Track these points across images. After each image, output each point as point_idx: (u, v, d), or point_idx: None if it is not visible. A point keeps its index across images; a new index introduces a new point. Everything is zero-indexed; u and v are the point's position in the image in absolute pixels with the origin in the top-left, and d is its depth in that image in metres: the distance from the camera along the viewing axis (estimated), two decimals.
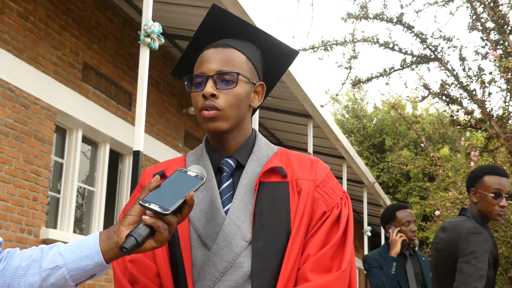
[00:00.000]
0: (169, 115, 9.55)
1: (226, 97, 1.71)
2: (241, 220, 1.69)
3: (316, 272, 1.65)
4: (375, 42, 6.10)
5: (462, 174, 9.51)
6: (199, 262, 1.68)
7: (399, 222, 4.63)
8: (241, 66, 1.76)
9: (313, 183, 1.76)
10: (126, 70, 8.40)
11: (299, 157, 1.84)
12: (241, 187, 1.73)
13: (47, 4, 6.87)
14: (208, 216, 1.71)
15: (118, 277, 1.71)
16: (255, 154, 1.80)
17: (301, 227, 1.70)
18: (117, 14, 8.28)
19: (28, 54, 6.52)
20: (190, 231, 1.71)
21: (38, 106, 6.61)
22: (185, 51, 1.89)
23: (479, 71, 5.67)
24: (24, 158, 6.36)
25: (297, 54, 1.90)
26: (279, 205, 1.72)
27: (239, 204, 1.71)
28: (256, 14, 6.89)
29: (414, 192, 24.86)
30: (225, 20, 1.83)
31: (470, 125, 5.75)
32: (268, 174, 1.75)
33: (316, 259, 1.66)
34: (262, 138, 1.87)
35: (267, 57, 1.88)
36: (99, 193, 7.97)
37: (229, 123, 1.73)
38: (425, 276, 4.61)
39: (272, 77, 1.93)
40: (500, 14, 5.50)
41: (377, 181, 15.66)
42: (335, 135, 11.18)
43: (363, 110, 30.11)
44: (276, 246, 1.68)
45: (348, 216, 1.76)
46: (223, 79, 1.72)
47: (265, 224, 1.69)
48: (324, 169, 1.82)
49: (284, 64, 1.92)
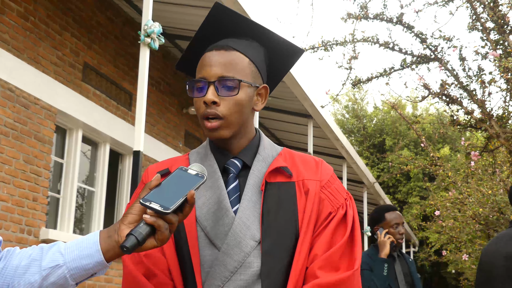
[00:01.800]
0: (170, 115, 9.55)
1: (228, 104, 1.70)
2: (250, 220, 1.69)
3: (326, 270, 1.65)
4: (375, 42, 6.10)
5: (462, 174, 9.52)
6: (207, 262, 1.68)
7: (387, 223, 4.61)
8: (243, 70, 1.74)
9: (319, 184, 1.77)
10: (127, 70, 8.41)
11: (303, 158, 1.84)
12: (249, 188, 1.73)
13: (47, 4, 6.87)
14: (216, 216, 1.70)
15: (131, 271, 1.68)
16: (260, 154, 1.80)
17: (309, 227, 1.71)
18: (117, 14, 8.29)
19: (28, 54, 6.52)
20: (197, 230, 1.71)
21: (38, 106, 6.61)
22: (187, 48, 1.87)
23: (479, 71, 5.67)
24: (24, 158, 6.36)
25: (302, 52, 1.88)
26: (286, 205, 1.72)
27: (247, 204, 1.71)
28: (256, 14, 6.88)
29: (414, 192, 24.84)
30: (228, 19, 1.81)
31: (470, 125, 5.75)
32: (274, 174, 1.75)
33: (325, 258, 1.67)
34: (265, 138, 1.87)
35: (271, 55, 1.86)
36: (99, 193, 7.97)
37: (232, 130, 1.72)
38: (413, 277, 4.61)
39: (276, 75, 1.92)
40: (500, 14, 5.50)
41: (377, 181, 15.67)
42: (335, 135, 11.18)
43: (363, 110, 30.09)
44: (284, 246, 1.68)
45: (354, 217, 1.77)
46: (225, 85, 1.70)
47: (273, 224, 1.69)
48: (328, 170, 1.83)
49: (289, 62, 1.90)
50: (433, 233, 15.28)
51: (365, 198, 15.31)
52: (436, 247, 15.21)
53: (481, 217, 8.11)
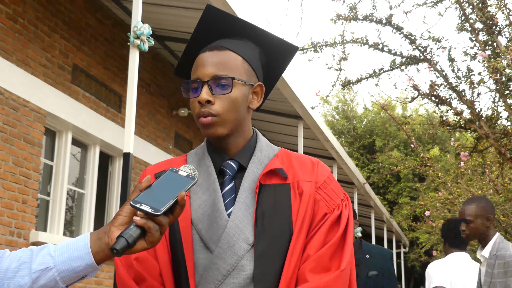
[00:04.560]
0: (159, 117, 9.53)
1: (222, 103, 1.70)
2: (243, 223, 1.68)
3: (315, 272, 1.65)
4: (364, 43, 6.11)
5: (452, 174, 9.55)
6: (201, 265, 1.67)
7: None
8: (237, 68, 1.74)
9: (314, 185, 1.76)
10: (116, 72, 8.38)
11: (300, 159, 1.83)
12: (243, 190, 1.72)
13: (37, 6, 6.84)
14: (210, 219, 1.70)
15: (121, 276, 1.69)
16: (256, 156, 1.79)
17: (303, 229, 1.70)
18: (107, 16, 8.26)
19: (17, 56, 6.49)
20: (192, 233, 1.70)
21: (27, 109, 6.58)
22: (183, 53, 1.88)
23: (468, 71, 5.69)
24: (14, 161, 6.33)
25: (297, 49, 1.89)
26: (280, 207, 1.71)
27: (241, 207, 1.70)
28: (246, 15, 6.88)
29: (404, 193, 24.92)
30: (221, 20, 1.81)
31: (459, 125, 5.78)
32: (269, 176, 1.74)
33: (315, 258, 1.66)
34: (263, 139, 1.86)
35: (266, 54, 1.86)
36: (89, 195, 7.94)
37: (227, 128, 1.72)
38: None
39: (273, 74, 1.91)
40: (488, 15, 5.53)
41: (368, 182, 15.68)
42: (325, 136, 11.19)
43: (353, 111, 30.16)
44: (278, 249, 1.67)
45: (348, 217, 1.76)
46: (219, 83, 1.71)
47: (267, 227, 1.68)
48: (325, 170, 1.82)
49: (284, 60, 1.90)
50: (423, 234, 15.33)
51: (355, 199, 15.33)
52: (427, 247, 15.27)
53: None
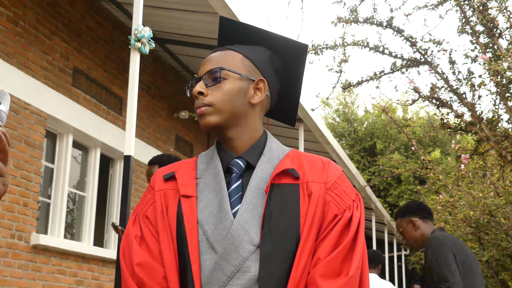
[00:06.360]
0: (160, 120, 9.54)
1: (214, 93, 1.73)
2: (249, 223, 1.66)
3: (326, 278, 1.61)
4: (365, 46, 6.10)
5: (452, 177, 9.54)
6: (207, 266, 1.65)
7: None
8: (233, 63, 1.77)
9: (324, 186, 1.72)
10: (117, 75, 8.39)
11: (310, 159, 1.80)
12: (251, 189, 1.70)
13: (37, 9, 6.85)
14: (216, 219, 1.68)
15: (126, 281, 1.69)
16: (265, 155, 1.77)
17: (312, 231, 1.66)
18: (107, 19, 8.27)
19: (18, 59, 6.49)
20: (199, 234, 1.68)
21: (28, 111, 6.58)
22: None
23: (469, 74, 5.68)
24: (15, 164, 6.33)
25: (307, 47, 1.89)
26: (288, 208, 1.68)
27: (247, 207, 1.68)
28: (246, 18, 6.89)
29: (405, 196, 24.90)
30: (233, 29, 1.87)
31: (460, 128, 5.76)
32: (280, 176, 1.71)
33: (326, 263, 1.62)
34: (273, 139, 1.85)
35: (280, 57, 1.88)
36: (90, 198, 7.93)
37: (221, 117, 1.73)
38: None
39: (292, 76, 1.91)
40: (489, 18, 5.52)
41: (368, 185, 15.67)
42: (326, 139, 11.18)
43: (354, 113, 30.17)
44: (284, 251, 1.64)
45: (360, 219, 1.72)
46: (212, 76, 1.75)
47: (274, 228, 1.65)
48: (336, 170, 1.78)
49: (298, 60, 1.89)
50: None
51: None
52: None
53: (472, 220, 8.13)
